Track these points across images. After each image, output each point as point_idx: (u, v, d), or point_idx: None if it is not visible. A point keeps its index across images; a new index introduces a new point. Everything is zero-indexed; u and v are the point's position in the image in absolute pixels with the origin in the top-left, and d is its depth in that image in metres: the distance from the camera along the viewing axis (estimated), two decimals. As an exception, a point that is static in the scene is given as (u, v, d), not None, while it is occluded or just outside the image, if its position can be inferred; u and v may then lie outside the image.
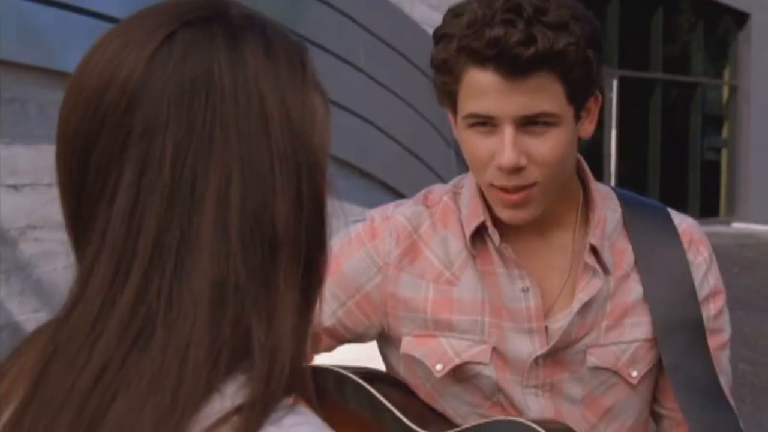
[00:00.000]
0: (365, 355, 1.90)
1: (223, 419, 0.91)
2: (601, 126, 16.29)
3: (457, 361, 1.75)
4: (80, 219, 0.98)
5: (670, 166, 17.50)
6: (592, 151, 15.82)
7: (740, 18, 18.43)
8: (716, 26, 18.53)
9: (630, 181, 16.56)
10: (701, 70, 18.63)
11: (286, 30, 1.01)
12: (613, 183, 15.88)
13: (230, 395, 0.92)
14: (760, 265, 13.14)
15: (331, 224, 1.01)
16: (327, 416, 1.77)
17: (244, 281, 0.93)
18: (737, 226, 17.69)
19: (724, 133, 18.89)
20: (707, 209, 17.97)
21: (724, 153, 18.78)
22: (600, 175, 15.57)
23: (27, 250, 5.05)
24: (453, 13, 1.68)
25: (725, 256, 13.31)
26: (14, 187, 5.04)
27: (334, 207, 1.01)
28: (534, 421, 1.66)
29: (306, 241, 0.97)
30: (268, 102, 0.96)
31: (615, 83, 16.61)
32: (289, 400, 0.95)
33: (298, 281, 0.96)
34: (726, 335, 1.83)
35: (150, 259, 0.93)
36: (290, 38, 1.01)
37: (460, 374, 1.76)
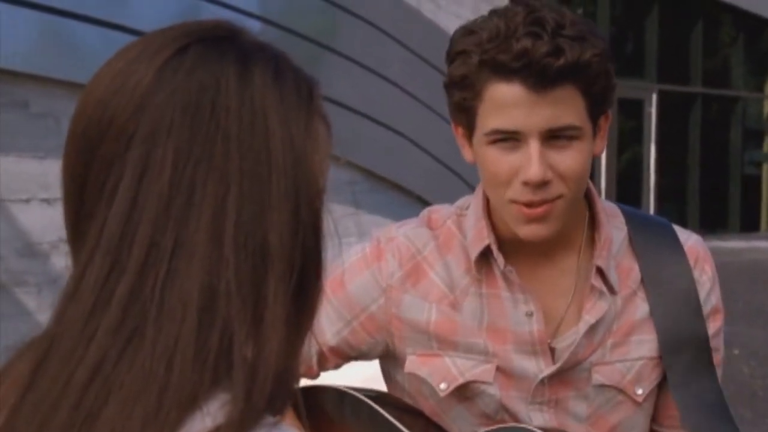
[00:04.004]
0: (364, 377, 1.90)
1: None
2: (640, 140, 16.22)
3: (462, 381, 1.75)
4: (80, 220, 0.99)
5: (710, 180, 17.38)
6: (631, 165, 15.76)
7: (781, 31, 18.31)
8: (757, 39, 18.41)
9: (669, 196, 16.46)
10: (742, 84, 18.51)
11: (299, 65, 1.03)
12: (652, 197, 15.78)
13: (212, 414, 0.92)
14: (799, 280, 12.99)
15: (326, 249, 1.01)
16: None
17: (234, 289, 0.94)
18: (778, 241, 17.53)
19: (765, 147, 18.75)
20: (748, 224, 17.82)
21: (765, 168, 18.63)
22: (639, 190, 15.49)
23: (58, 263, 5.09)
24: (466, 31, 1.67)
25: (764, 271, 13.18)
26: (47, 201, 5.08)
27: (329, 231, 1.02)
28: (539, 428, 1.67)
29: (300, 260, 0.98)
30: (271, 120, 0.98)
31: (654, 97, 16.52)
32: (275, 418, 0.95)
33: (290, 298, 0.97)
34: (720, 355, 1.82)
35: (144, 260, 0.94)
36: (302, 71, 1.03)
37: (464, 393, 1.76)
